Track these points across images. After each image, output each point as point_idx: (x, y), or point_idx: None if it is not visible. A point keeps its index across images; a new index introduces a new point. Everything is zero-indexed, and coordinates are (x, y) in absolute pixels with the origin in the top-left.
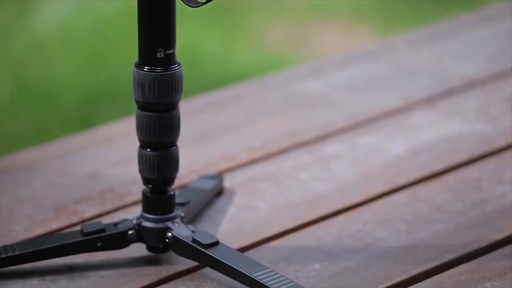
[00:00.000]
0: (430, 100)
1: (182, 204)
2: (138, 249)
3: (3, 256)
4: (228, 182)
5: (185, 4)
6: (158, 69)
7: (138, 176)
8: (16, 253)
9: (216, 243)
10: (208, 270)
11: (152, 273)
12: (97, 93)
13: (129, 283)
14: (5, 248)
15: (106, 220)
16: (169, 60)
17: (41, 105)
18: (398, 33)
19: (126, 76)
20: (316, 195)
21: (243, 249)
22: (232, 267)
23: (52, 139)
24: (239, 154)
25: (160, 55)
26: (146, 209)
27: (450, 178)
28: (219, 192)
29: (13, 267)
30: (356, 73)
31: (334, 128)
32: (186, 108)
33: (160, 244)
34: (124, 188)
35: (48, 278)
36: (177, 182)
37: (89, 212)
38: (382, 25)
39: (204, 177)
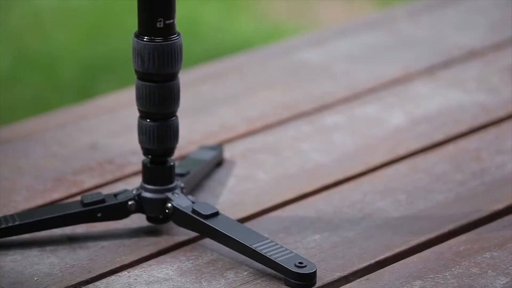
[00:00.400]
0: (430, 70)
1: (182, 175)
2: (138, 220)
3: (3, 226)
4: (228, 152)
5: None
6: (158, 39)
7: (138, 147)
8: (16, 223)
9: (216, 213)
10: (208, 241)
11: (152, 244)
12: (96, 64)
13: (129, 254)
14: (5, 218)
15: (106, 190)
16: (169, 30)
17: (40, 76)
18: (398, 3)
19: (126, 46)
20: (316, 166)
21: (243, 220)
22: (232, 238)
23: (52, 110)
24: (239, 125)
25: (159, 25)
26: (146, 179)
27: (450, 148)
28: (219, 162)
29: (13, 237)
30: (356, 44)
31: (334, 98)
32: (186, 79)
33: (160, 215)
34: (124, 159)
35: (48, 248)
36: (177, 153)
37: (89, 182)
38: None
39: (204, 147)
